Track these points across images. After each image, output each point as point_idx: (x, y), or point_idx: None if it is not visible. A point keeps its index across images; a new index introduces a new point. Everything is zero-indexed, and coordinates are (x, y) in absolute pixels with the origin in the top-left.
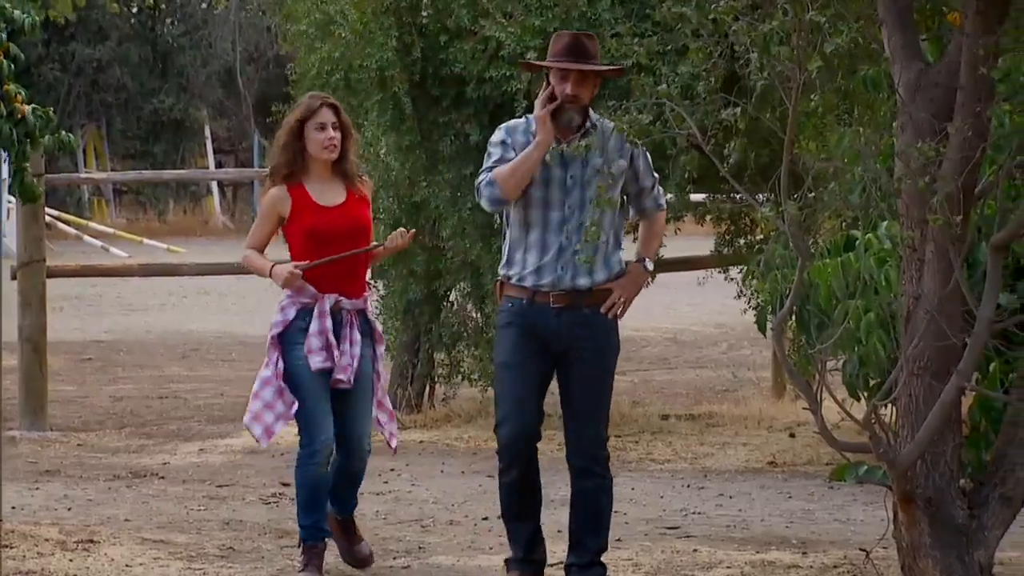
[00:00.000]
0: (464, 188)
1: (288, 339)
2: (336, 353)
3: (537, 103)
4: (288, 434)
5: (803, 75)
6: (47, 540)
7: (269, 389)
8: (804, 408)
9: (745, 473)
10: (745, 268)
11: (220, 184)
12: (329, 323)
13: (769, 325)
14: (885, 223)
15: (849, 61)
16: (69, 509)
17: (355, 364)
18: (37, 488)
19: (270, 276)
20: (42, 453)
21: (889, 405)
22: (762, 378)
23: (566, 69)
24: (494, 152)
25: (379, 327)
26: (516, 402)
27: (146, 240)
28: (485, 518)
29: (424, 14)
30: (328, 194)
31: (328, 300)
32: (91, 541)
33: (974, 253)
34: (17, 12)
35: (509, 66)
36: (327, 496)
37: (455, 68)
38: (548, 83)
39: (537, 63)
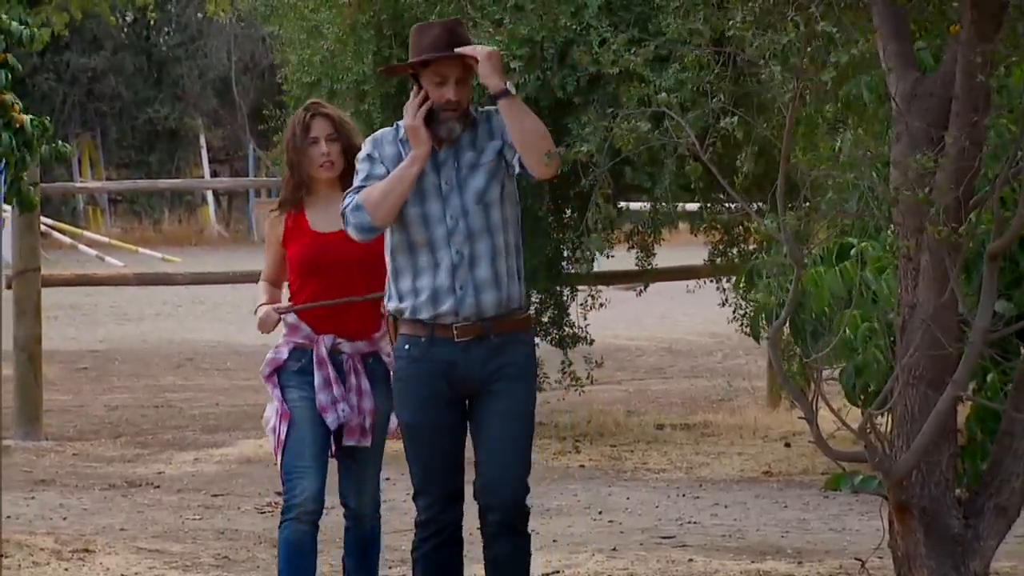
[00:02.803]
0: None
1: (282, 381)
2: (339, 408)
3: (407, 111)
4: None
5: (800, 85)
6: (42, 549)
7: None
8: (799, 417)
9: (740, 482)
10: (733, 278)
11: (215, 193)
12: (331, 371)
13: (764, 333)
14: (890, 231)
15: (853, 69)
16: (64, 518)
17: (368, 420)
18: (32, 497)
19: None
20: (37, 462)
21: (885, 414)
22: (757, 387)
23: (442, 71)
24: (361, 169)
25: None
26: (433, 469)
27: (141, 249)
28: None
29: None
30: (330, 218)
31: (324, 343)
32: (86, 550)
33: (975, 262)
34: (15, 24)
35: None
36: (311, 562)
37: None
38: (418, 87)
39: (401, 65)
